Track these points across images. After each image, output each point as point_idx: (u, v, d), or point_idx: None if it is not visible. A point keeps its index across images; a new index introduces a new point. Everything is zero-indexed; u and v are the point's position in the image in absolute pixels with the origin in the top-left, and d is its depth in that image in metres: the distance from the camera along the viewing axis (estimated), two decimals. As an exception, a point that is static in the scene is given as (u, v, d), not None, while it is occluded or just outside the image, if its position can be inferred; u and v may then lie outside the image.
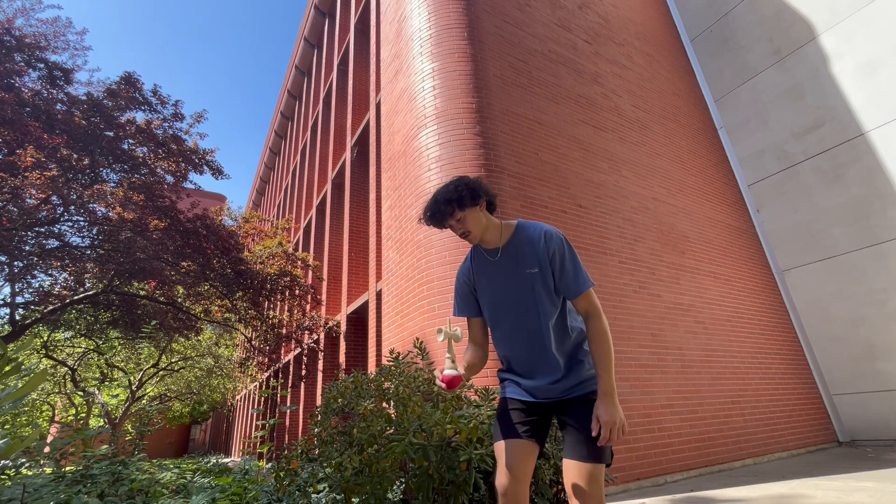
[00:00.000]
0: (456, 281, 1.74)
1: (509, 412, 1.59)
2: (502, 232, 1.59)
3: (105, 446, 4.13)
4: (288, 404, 10.06)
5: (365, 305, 7.30)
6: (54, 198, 6.03)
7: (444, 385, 1.48)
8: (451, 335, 1.54)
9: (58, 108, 6.16)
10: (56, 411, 16.89)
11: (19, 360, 1.69)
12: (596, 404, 1.45)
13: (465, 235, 1.57)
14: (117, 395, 12.11)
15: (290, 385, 11.39)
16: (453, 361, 1.51)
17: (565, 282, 1.52)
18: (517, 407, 1.59)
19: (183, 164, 7.30)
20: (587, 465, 1.39)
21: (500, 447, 1.51)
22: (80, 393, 11.51)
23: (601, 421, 1.40)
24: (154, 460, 10.70)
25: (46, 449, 4.24)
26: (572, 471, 1.40)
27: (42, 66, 6.08)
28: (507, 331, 1.61)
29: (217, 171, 7.66)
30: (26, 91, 6.02)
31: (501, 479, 1.45)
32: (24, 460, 4.13)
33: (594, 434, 1.40)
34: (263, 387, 15.37)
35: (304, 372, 10.02)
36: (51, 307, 7.15)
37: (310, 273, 11.21)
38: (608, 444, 1.41)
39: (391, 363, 3.03)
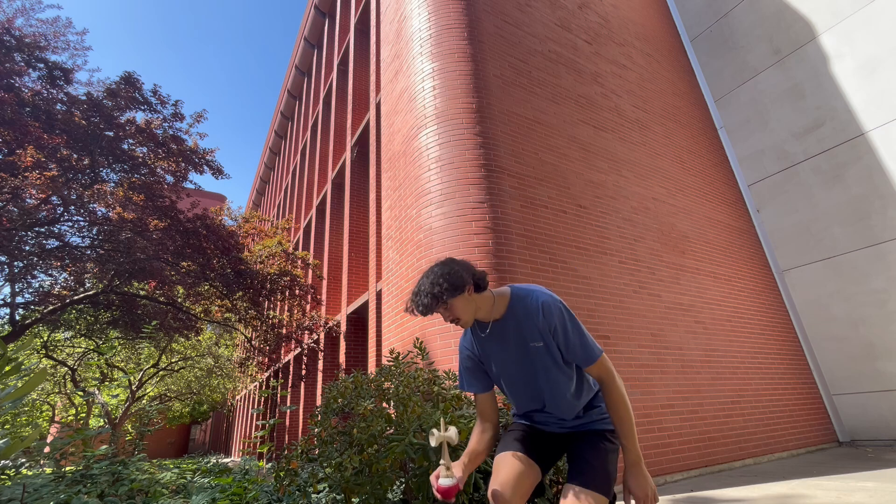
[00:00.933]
0: (459, 355, 1.65)
1: (514, 431, 1.59)
2: (495, 304, 1.50)
3: (105, 446, 4.13)
4: (288, 404, 10.06)
5: (365, 305, 7.30)
6: (54, 198, 6.03)
7: (439, 496, 1.35)
8: (445, 437, 1.40)
9: (58, 108, 6.16)
10: (56, 411, 16.89)
11: (19, 360, 1.69)
12: (625, 477, 1.40)
13: (455, 322, 1.49)
14: (117, 395, 12.12)
15: (290, 385, 11.39)
16: (448, 469, 1.36)
17: (572, 354, 1.46)
18: (523, 429, 1.59)
19: (183, 164, 7.30)
20: (590, 494, 1.32)
21: (498, 459, 1.50)
22: (80, 393, 11.52)
23: (634, 494, 1.35)
24: (154, 460, 10.70)
25: (46, 449, 4.23)
26: (571, 497, 1.33)
27: (42, 66, 6.08)
28: (524, 401, 1.59)
29: (217, 171, 7.66)
30: (26, 91, 6.02)
31: (493, 488, 1.41)
32: (24, 460, 4.13)
33: None
34: (263, 387, 15.37)
35: (304, 372, 10.02)
36: (51, 307, 7.15)
37: (310, 272, 11.21)
38: None
39: (391, 363, 3.03)
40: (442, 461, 1.37)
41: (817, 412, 6.30)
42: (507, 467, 1.43)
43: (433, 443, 1.40)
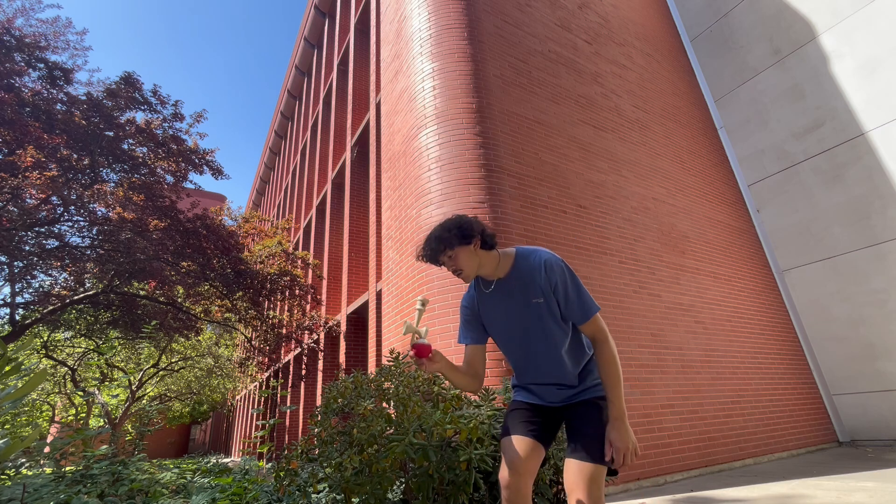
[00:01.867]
0: (460, 309, 1.75)
1: (517, 412, 1.63)
2: (500, 263, 1.59)
3: (105, 446, 4.13)
4: (288, 404, 10.07)
5: (365, 305, 7.30)
6: (54, 198, 6.03)
7: (413, 354, 1.48)
8: (418, 312, 1.57)
9: (58, 108, 6.16)
10: (56, 411, 16.89)
11: (19, 360, 1.69)
12: (608, 429, 1.47)
13: (457, 273, 1.57)
14: (117, 395, 12.12)
15: (290, 385, 11.39)
16: (420, 335, 1.52)
17: (570, 309, 1.54)
18: (524, 408, 1.64)
19: (183, 164, 7.30)
20: (588, 466, 1.40)
21: (505, 442, 1.54)
22: (80, 393, 11.52)
23: (614, 446, 1.43)
24: (154, 460, 10.70)
25: (46, 449, 4.23)
26: (573, 470, 1.41)
27: (42, 66, 6.08)
28: (519, 358, 1.66)
29: (217, 171, 7.66)
30: (26, 91, 6.02)
31: (504, 472, 1.47)
32: (24, 460, 4.13)
33: (607, 459, 1.42)
34: (263, 387, 15.37)
35: (304, 372, 10.02)
36: (51, 307, 7.15)
37: (310, 272, 11.21)
38: (621, 468, 1.45)
39: (391, 363, 3.03)
40: (416, 329, 1.52)
41: (817, 412, 6.30)
42: (514, 451, 1.48)
43: (404, 332, 1.52)
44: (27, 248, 6.45)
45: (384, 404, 2.79)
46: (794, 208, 7.08)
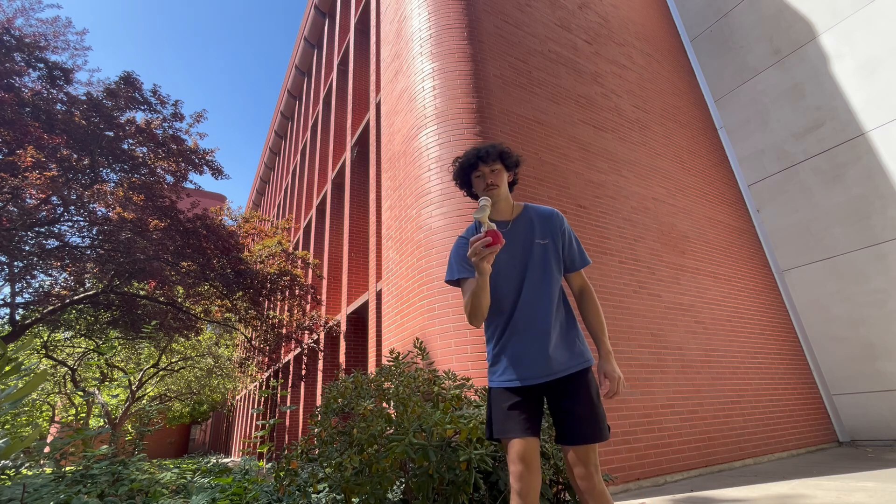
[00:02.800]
0: (455, 245, 1.71)
1: (505, 404, 1.56)
2: (514, 208, 1.73)
3: (105, 446, 4.13)
4: (288, 404, 10.07)
5: (365, 305, 7.30)
6: (54, 198, 6.03)
7: (489, 240, 1.37)
8: (485, 208, 1.47)
9: (58, 108, 6.16)
10: (56, 411, 16.89)
11: (19, 360, 1.69)
12: (600, 363, 1.62)
13: (490, 187, 1.65)
14: (117, 395, 12.12)
15: (290, 385, 11.39)
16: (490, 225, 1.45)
17: (572, 255, 1.70)
18: (513, 399, 1.56)
19: (183, 164, 7.29)
20: (593, 446, 1.49)
21: (509, 443, 1.51)
22: (80, 393, 11.52)
23: (609, 377, 1.57)
24: (154, 460, 10.70)
25: (46, 449, 4.24)
26: (585, 452, 1.47)
27: (42, 66, 6.07)
28: (508, 296, 1.63)
29: (217, 171, 7.66)
30: (26, 91, 6.02)
31: (516, 465, 1.46)
32: (24, 460, 4.13)
33: (604, 392, 1.55)
34: (263, 387, 15.37)
35: (304, 372, 10.02)
36: (51, 307, 7.15)
37: (310, 272, 11.21)
38: (613, 397, 1.57)
39: (391, 363, 3.03)
40: (485, 222, 1.45)
41: (817, 412, 6.30)
42: (519, 447, 1.48)
43: (480, 214, 1.45)
44: (27, 248, 6.45)
45: (384, 404, 2.80)
46: (794, 208, 7.08)
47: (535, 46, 5.96)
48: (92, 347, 10.88)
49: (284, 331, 10.20)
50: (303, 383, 10.44)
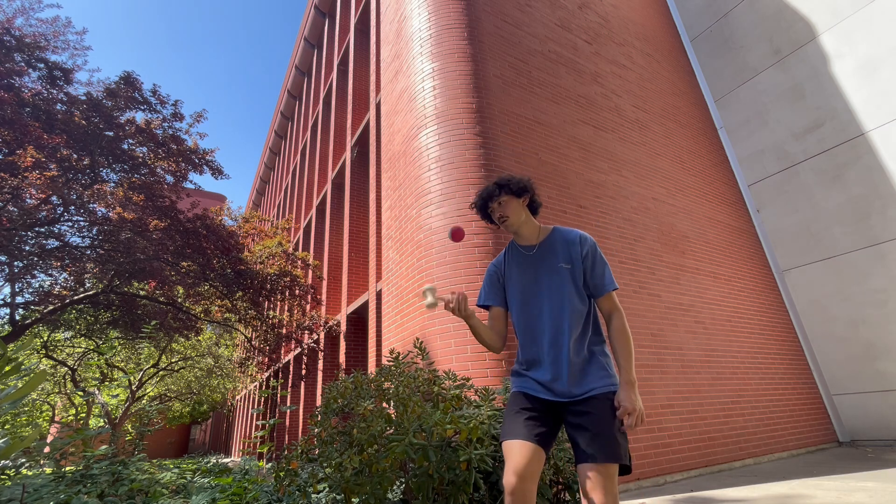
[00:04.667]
0: (486, 272, 1.84)
1: (518, 410, 1.58)
2: (540, 232, 1.75)
3: (105, 446, 4.13)
4: (288, 404, 10.06)
5: (365, 305, 7.30)
6: (54, 198, 6.03)
7: (451, 236, 1.68)
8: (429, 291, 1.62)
9: (58, 108, 6.15)
10: (56, 411, 16.88)
11: (19, 360, 1.69)
12: (618, 393, 1.52)
13: (502, 220, 1.72)
14: (117, 395, 12.11)
15: (290, 385, 11.38)
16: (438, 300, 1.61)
17: (595, 280, 1.65)
18: (529, 407, 1.58)
19: (183, 164, 7.29)
20: (610, 466, 1.43)
21: (508, 447, 1.50)
22: (80, 393, 11.51)
23: (623, 407, 1.48)
24: (154, 460, 10.70)
25: (46, 449, 4.23)
26: (593, 473, 1.42)
27: (42, 65, 6.07)
28: (530, 320, 1.68)
29: (217, 171, 7.65)
30: (26, 91, 6.01)
31: (508, 478, 1.44)
32: (24, 460, 4.13)
33: (618, 421, 1.47)
34: (263, 387, 15.37)
35: (304, 372, 10.02)
36: (51, 307, 7.15)
37: (310, 273, 11.21)
38: (628, 430, 1.49)
39: (391, 363, 3.03)
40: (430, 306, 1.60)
41: (817, 412, 6.30)
42: (518, 457, 1.46)
43: (428, 300, 1.59)
44: (27, 248, 6.44)
45: (384, 404, 2.79)
46: (794, 208, 7.08)
47: (535, 46, 5.96)
48: (92, 347, 10.88)
49: (284, 331, 10.20)
50: (303, 383, 10.44)
